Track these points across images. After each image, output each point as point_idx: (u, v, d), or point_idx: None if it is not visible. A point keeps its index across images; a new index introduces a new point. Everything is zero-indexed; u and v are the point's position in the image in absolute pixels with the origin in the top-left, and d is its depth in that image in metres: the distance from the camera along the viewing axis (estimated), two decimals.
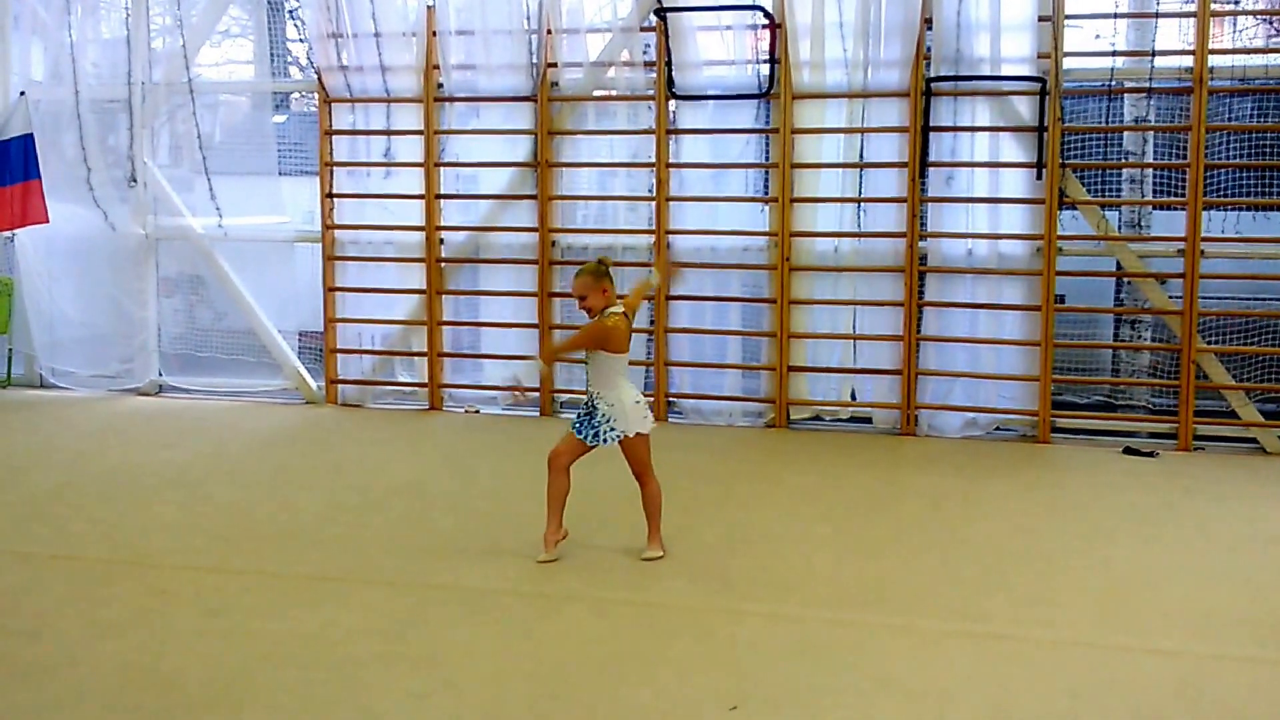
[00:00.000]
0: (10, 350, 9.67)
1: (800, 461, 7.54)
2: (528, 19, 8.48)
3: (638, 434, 5.36)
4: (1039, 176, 7.83)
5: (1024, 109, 7.91)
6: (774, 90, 8.18)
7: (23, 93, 8.97)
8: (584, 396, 5.46)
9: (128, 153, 9.21)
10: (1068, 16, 7.84)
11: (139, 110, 9.13)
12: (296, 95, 10.12)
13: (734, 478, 7.13)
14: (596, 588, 5.10)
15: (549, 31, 8.48)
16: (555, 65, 8.54)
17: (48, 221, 9.04)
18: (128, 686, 4.11)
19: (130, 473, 7.09)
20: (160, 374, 9.49)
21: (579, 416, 5.43)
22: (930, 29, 7.93)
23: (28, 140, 8.92)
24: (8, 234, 9.26)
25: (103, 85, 9.21)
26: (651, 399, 8.57)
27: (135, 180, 9.18)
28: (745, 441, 8.07)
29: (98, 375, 9.47)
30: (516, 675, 4.20)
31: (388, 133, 8.88)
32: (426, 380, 8.97)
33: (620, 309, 5.40)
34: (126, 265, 9.30)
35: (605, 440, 5.35)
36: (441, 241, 8.85)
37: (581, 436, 5.37)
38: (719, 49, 8.43)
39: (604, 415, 5.33)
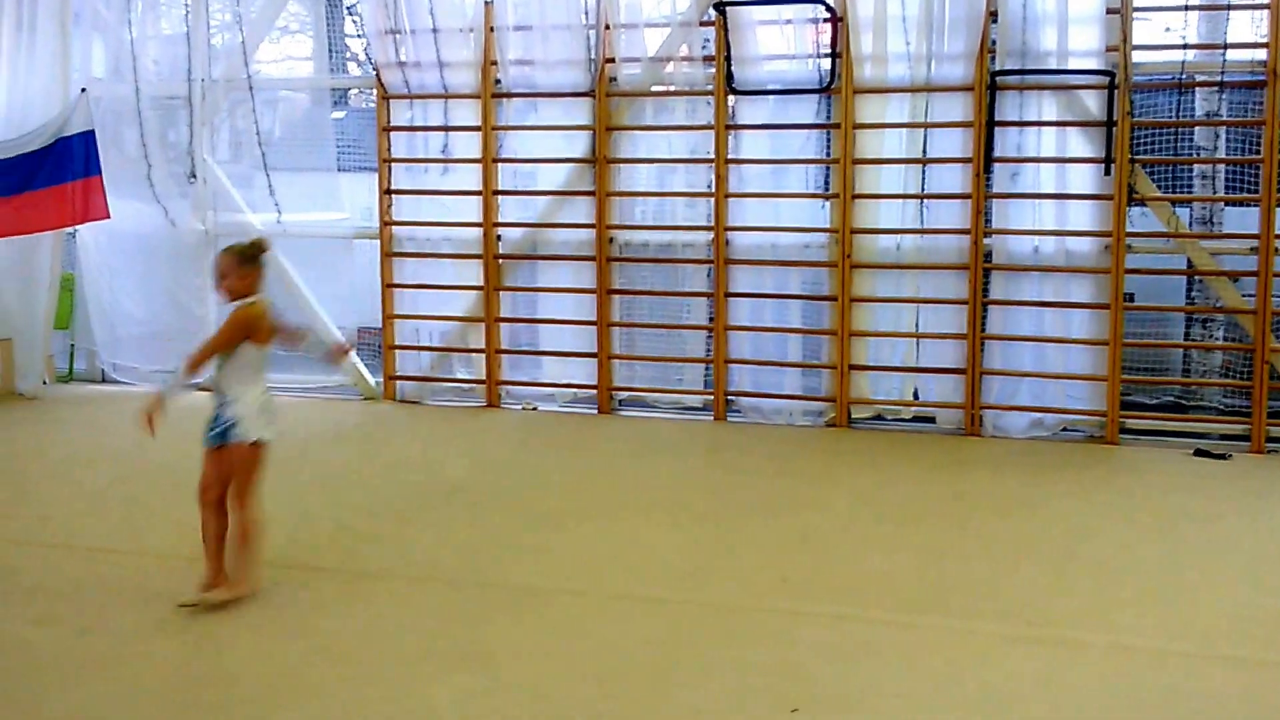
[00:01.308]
0: (73, 346, 9.79)
1: (861, 461, 7.41)
2: (586, 14, 8.42)
3: (256, 442, 4.85)
4: (1107, 172, 7.64)
5: (1092, 103, 7.72)
6: (835, 85, 8.05)
7: (84, 89, 9.06)
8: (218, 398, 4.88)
9: (188, 149, 9.28)
10: (1136, 9, 7.63)
11: (199, 106, 9.20)
12: (355, 91, 10.15)
13: (793, 477, 7.02)
14: (651, 587, 5.03)
15: (607, 26, 8.42)
16: (613, 60, 8.48)
17: (109, 217, 9.12)
18: (185, 681, 4.12)
19: (189, 468, 7.08)
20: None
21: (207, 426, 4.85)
22: (995, 22, 7.77)
23: (89, 137, 8.99)
24: (69, 230, 9.36)
25: (163, 82, 9.29)
26: (711, 397, 8.50)
27: (195, 176, 9.25)
28: (805, 441, 7.95)
29: (158, 370, 9.53)
30: (572, 675, 4.15)
31: (446, 129, 8.87)
32: (484, 377, 8.94)
33: (263, 300, 4.87)
34: (186, 261, 9.37)
35: (219, 440, 4.81)
36: (499, 238, 8.83)
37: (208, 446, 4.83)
38: (779, 43, 8.31)
39: (228, 417, 4.80)
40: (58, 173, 8.89)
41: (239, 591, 4.76)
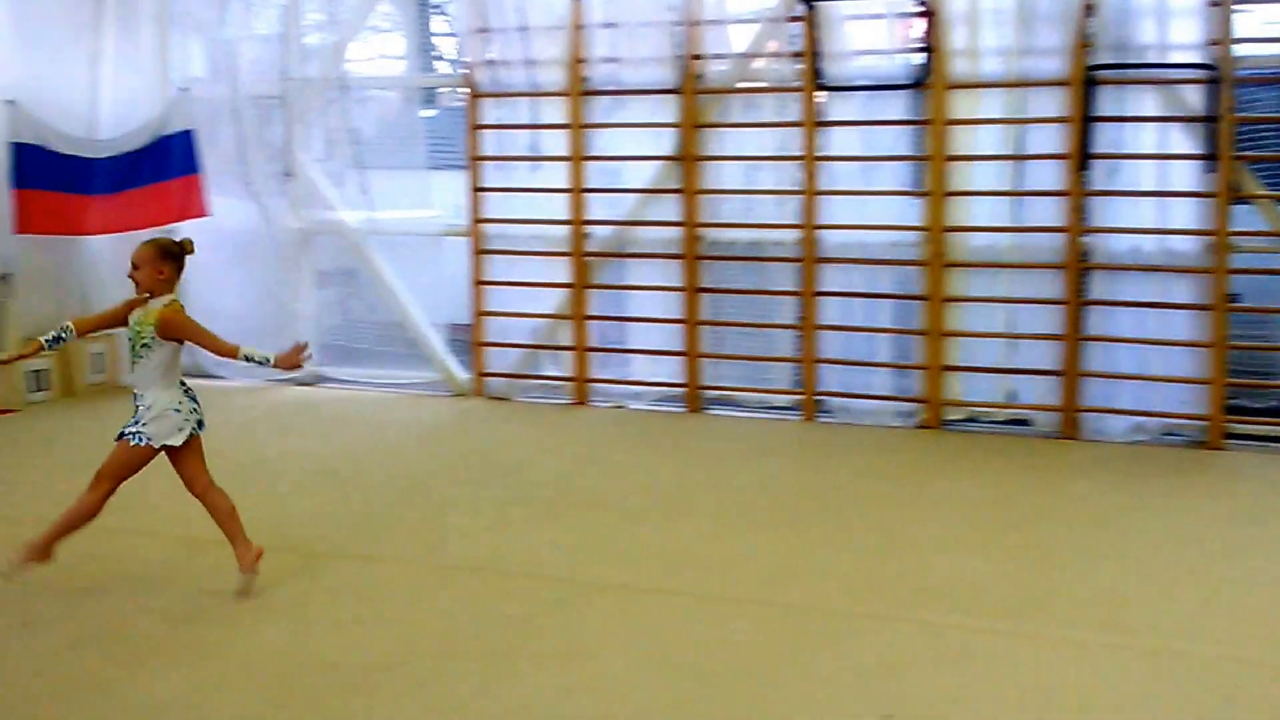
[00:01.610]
0: None
1: (954, 464, 7.31)
2: (673, 11, 8.41)
3: (166, 446, 4.79)
4: (1210, 170, 7.43)
5: (1193, 99, 7.52)
6: (927, 80, 7.94)
7: (183, 89, 9.27)
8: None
9: (283, 147, 9.46)
10: (1238, 0, 7.41)
11: (294, 105, 9.36)
12: (444, 90, 10.26)
13: (885, 479, 6.94)
14: (743, 588, 5.01)
15: (694, 23, 8.40)
16: (700, 57, 8.45)
17: (208, 215, 9.33)
18: (287, 669, 4.20)
19: (286, 460, 7.27)
20: (318, 364, 9.72)
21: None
22: (1092, 15, 7.59)
23: (189, 135, 9.21)
24: (170, 226, 9.57)
25: (259, 81, 9.47)
26: (800, 396, 8.44)
27: (291, 174, 9.42)
28: (896, 442, 7.86)
29: None
30: (661, 675, 4.14)
31: (534, 126, 8.92)
32: (573, 374, 8.99)
33: (176, 299, 4.82)
34: (282, 258, 9.55)
35: (138, 439, 4.75)
36: (588, 235, 8.86)
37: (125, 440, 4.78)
38: (869, 38, 8.23)
39: (140, 417, 4.76)
40: (159, 171, 9.13)
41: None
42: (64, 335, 4.87)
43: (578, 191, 8.79)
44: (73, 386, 9.08)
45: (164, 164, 9.15)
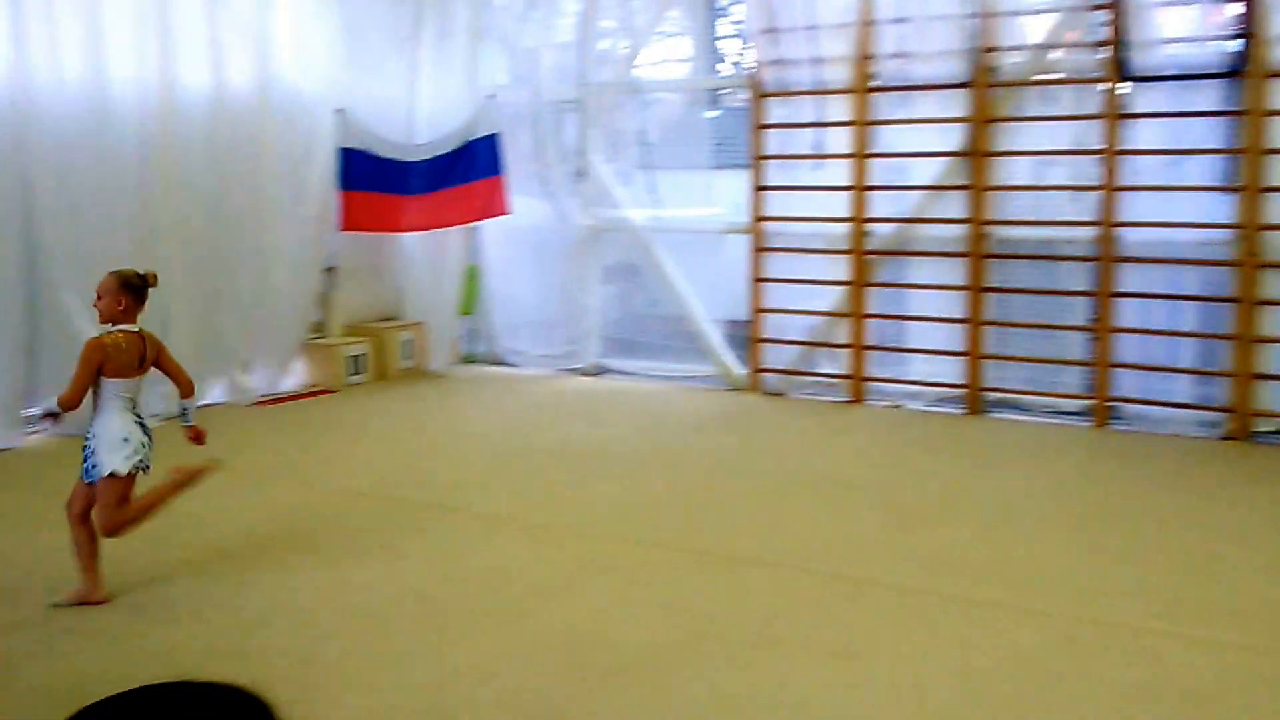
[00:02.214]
0: (475, 330, 10.68)
1: (1264, 478, 6.83)
2: (966, 3, 8.24)
3: (112, 474, 4.68)
4: None
5: None
6: (1243, 69, 7.46)
7: (492, 95, 9.85)
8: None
9: (577, 149, 9.89)
10: None
11: (588, 109, 9.77)
12: (728, 91, 10.44)
13: (1183, 491, 6.56)
14: (1025, 596, 4.88)
15: (989, 15, 8.21)
16: (994, 50, 8.25)
17: (509, 213, 9.88)
18: (573, 645, 4.41)
19: (575, 446, 7.61)
20: (601, 356, 10.11)
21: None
22: None
23: (495, 139, 9.78)
24: (474, 224, 10.20)
25: (557, 86, 9.93)
26: (1092, 401, 8.12)
27: (584, 175, 9.84)
28: (1198, 453, 7.42)
29: (546, 355, 10.24)
30: (942, 680, 4.11)
31: (819, 125, 8.96)
32: (849, 372, 8.97)
33: (133, 330, 4.74)
34: (573, 254, 9.99)
35: (89, 476, 4.71)
36: (869, 233, 8.82)
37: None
38: (1178, 25, 7.80)
39: (89, 448, 4.72)
40: (467, 172, 9.75)
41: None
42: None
43: (860, 189, 8.76)
44: (385, 370, 9.82)
45: (472, 166, 9.76)
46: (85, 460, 4.73)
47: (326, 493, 6.45)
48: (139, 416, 4.82)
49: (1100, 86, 7.94)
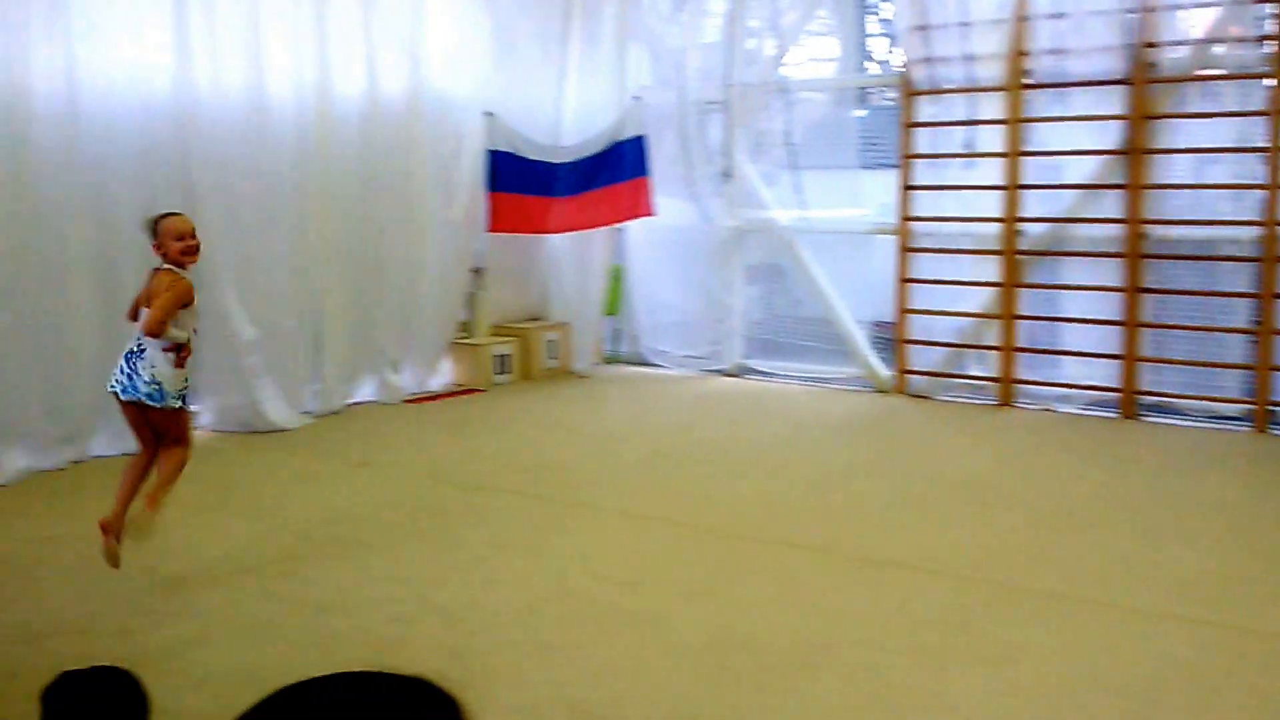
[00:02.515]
0: (619, 330, 10.83)
1: None
2: None
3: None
4: None
5: None
6: None
7: (637, 97, 9.96)
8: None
9: (722, 150, 9.93)
10: None
11: (733, 109, 9.80)
12: (875, 90, 10.35)
13: None
14: (1182, 605, 4.76)
15: (1149, 9, 7.97)
16: (1154, 45, 8.01)
17: (654, 214, 9.98)
18: (717, 645, 4.45)
19: (718, 446, 7.67)
20: (744, 356, 10.14)
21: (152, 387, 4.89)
22: None
23: (640, 141, 9.89)
24: (619, 225, 10.33)
25: (702, 87, 9.99)
26: (1253, 406, 7.82)
27: (729, 176, 9.88)
28: None
29: (689, 356, 10.31)
30: (1094, 688, 4.04)
31: (970, 123, 8.82)
32: (999, 375, 8.82)
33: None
34: (717, 255, 10.04)
35: (156, 400, 4.91)
36: (1021, 233, 8.65)
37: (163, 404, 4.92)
38: None
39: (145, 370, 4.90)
40: (613, 174, 9.88)
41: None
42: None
43: (1013, 188, 8.60)
44: (530, 370, 10.03)
45: (618, 167, 9.89)
46: (147, 385, 4.86)
47: (472, 490, 6.64)
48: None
49: (1264, 82, 7.63)
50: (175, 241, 4.94)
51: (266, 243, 8.05)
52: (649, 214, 9.95)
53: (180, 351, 4.96)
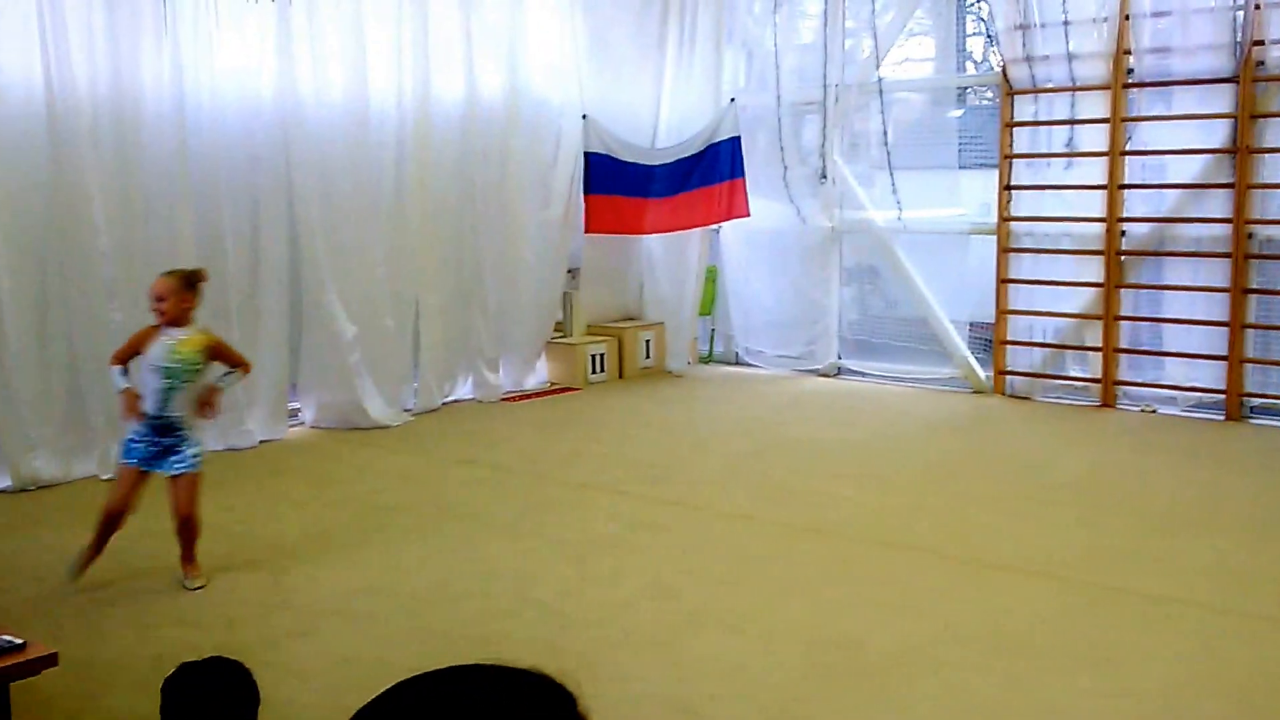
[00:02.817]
0: (713, 331, 10.86)
1: None
2: None
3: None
4: None
5: None
6: None
7: (733, 99, 9.99)
8: (166, 422, 4.89)
9: (819, 151, 9.91)
10: None
11: (830, 110, 9.77)
12: (972, 89, 10.23)
13: None
14: None
15: (1257, 6, 7.77)
16: (1262, 43, 7.81)
17: (749, 215, 9.99)
18: (813, 644, 4.46)
19: (814, 446, 7.66)
20: (839, 357, 10.11)
21: (145, 444, 4.89)
22: None
23: (735, 142, 9.91)
24: (714, 226, 10.36)
25: (799, 89, 9.97)
26: None
27: (825, 177, 9.85)
28: None
29: (784, 356, 10.30)
30: (1200, 692, 3.99)
31: (1070, 122, 8.69)
32: (1099, 376, 8.67)
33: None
34: (813, 255, 10.01)
35: (193, 465, 4.95)
36: (1123, 233, 8.50)
37: (141, 464, 4.90)
38: None
39: (187, 437, 4.95)
40: (709, 175, 9.92)
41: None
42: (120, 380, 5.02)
43: (1114, 188, 8.45)
44: (625, 370, 10.11)
45: (713, 169, 9.93)
46: (181, 451, 4.91)
47: (567, 488, 6.73)
48: None
49: None
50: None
51: (366, 243, 8.24)
52: (744, 215, 9.96)
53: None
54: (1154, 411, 8.42)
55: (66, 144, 6.79)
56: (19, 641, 3.39)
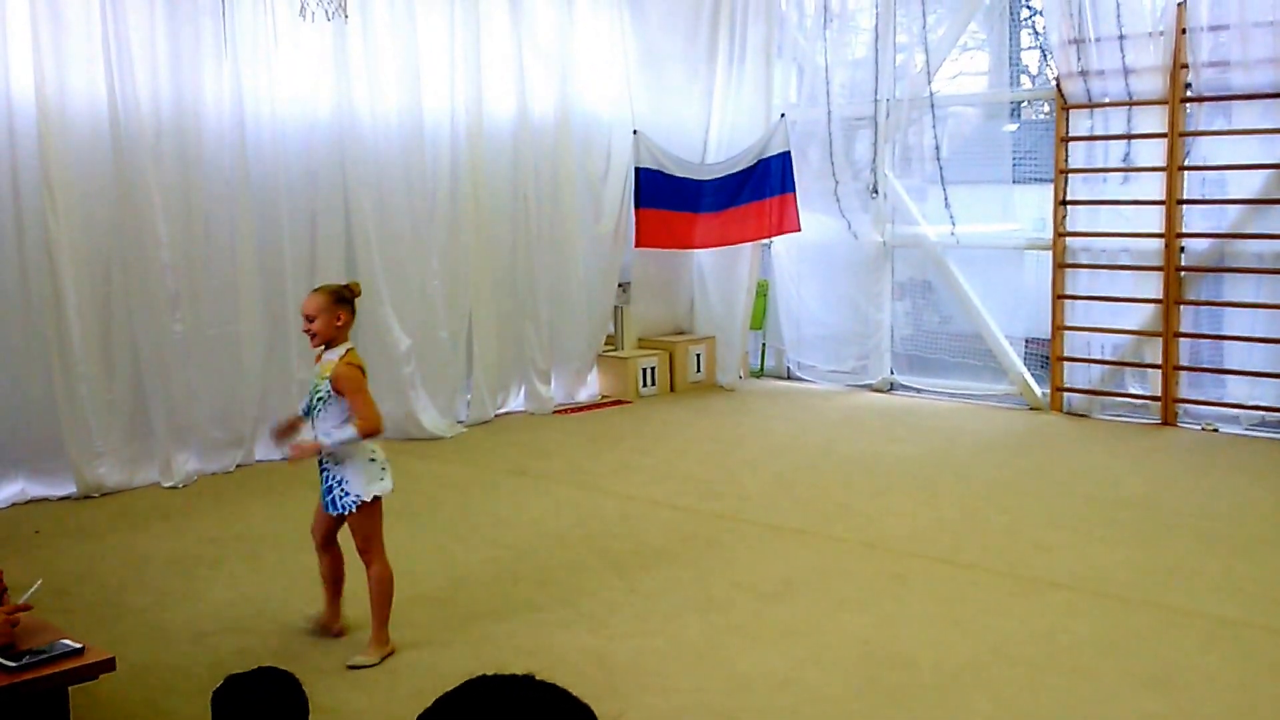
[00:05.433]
0: (764, 345, 10.84)
1: None
2: None
3: (374, 499, 4.43)
4: None
5: None
6: None
7: (783, 114, 9.98)
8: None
9: (870, 165, 9.87)
10: None
11: (882, 125, 9.74)
12: (1026, 103, 10.16)
13: None
14: None
15: None
16: None
17: (800, 230, 9.97)
18: (865, 659, 4.44)
19: (867, 461, 7.61)
20: (892, 372, 10.04)
21: (322, 479, 4.48)
22: None
23: (785, 157, 9.90)
24: (765, 241, 10.35)
25: (850, 103, 9.95)
26: None
27: (877, 191, 9.81)
28: None
29: (836, 370, 10.25)
30: (1264, 714, 3.91)
31: (1127, 136, 8.58)
32: (1159, 394, 8.54)
33: (353, 351, 4.49)
34: (865, 270, 9.97)
35: (341, 508, 4.43)
36: (1182, 249, 8.38)
37: (324, 506, 4.50)
38: None
39: (335, 476, 4.43)
40: (759, 190, 9.92)
41: (384, 652, 4.49)
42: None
43: (1172, 203, 8.34)
44: (676, 383, 10.11)
45: (763, 184, 9.92)
46: (329, 490, 4.47)
47: (618, 500, 6.74)
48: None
49: None
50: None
51: (421, 257, 8.34)
52: (795, 230, 9.94)
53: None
54: (1215, 430, 8.28)
55: (130, 161, 6.94)
56: (78, 646, 3.44)
